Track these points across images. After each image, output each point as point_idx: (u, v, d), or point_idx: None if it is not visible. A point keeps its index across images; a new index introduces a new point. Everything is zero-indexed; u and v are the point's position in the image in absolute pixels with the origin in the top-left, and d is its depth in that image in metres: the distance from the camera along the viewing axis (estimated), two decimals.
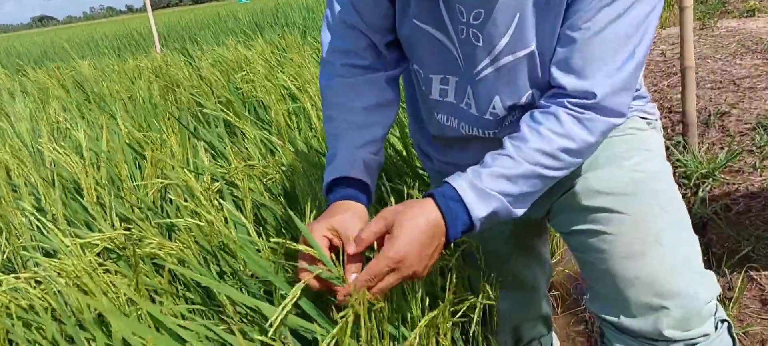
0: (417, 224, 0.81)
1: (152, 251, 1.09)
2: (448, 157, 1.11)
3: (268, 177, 1.45)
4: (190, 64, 3.12)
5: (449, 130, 1.02)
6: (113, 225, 1.38)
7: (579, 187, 0.96)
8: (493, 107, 0.94)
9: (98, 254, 1.17)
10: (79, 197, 1.37)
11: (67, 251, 1.01)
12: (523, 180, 0.85)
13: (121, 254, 1.14)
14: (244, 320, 1.01)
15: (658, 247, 0.89)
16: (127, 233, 1.06)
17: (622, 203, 0.92)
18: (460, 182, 0.84)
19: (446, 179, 0.86)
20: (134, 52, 6.88)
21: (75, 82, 2.50)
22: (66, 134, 2.01)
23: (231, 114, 1.43)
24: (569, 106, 0.85)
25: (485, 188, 0.84)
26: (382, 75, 1.00)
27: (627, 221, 0.91)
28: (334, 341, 0.82)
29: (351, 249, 0.83)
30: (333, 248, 0.86)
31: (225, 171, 1.31)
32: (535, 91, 0.92)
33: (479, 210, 0.84)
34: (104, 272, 1.00)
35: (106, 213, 1.37)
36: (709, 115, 2.71)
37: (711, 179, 2.15)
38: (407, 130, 1.55)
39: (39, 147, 1.62)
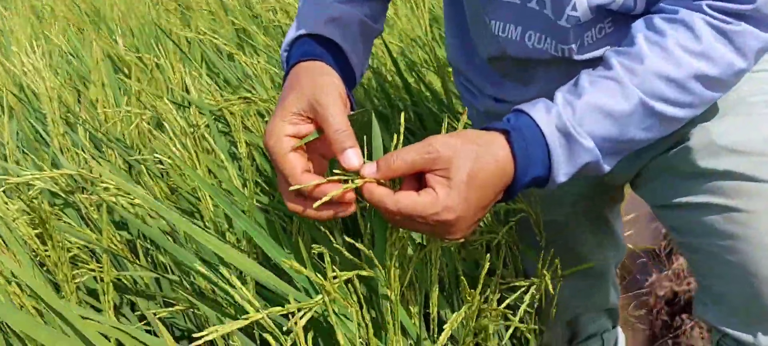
0: (483, 173, 0.54)
1: (108, 198, 0.83)
2: (504, 91, 0.80)
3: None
4: None
5: (510, 45, 0.71)
6: (85, 162, 1.13)
7: (695, 141, 0.66)
8: (574, 7, 0.64)
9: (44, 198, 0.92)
10: (38, 127, 1.11)
11: None
12: (632, 119, 0.57)
13: (69, 200, 0.89)
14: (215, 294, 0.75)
15: None
16: (72, 172, 0.80)
17: (765, 167, 0.62)
18: (548, 120, 0.56)
19: (524, 109, 0.57)
20: None
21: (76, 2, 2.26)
22: (60, 57, 1.77)
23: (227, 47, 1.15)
24: (709, 11, 0.56)
25: (578, 133, 0.56)
26: None
27: None
28: None
29: (369, 170, 0.56)
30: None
31: (214, 104, 1.04)
32: None
33: (564, 168, 0.56)
34: (32, 226, 0.74)
35: (72, 145, 1.12)
36: None
37: None
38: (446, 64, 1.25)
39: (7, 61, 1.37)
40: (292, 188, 0.57)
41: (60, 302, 0.56)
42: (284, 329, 0.58)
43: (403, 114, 0.63)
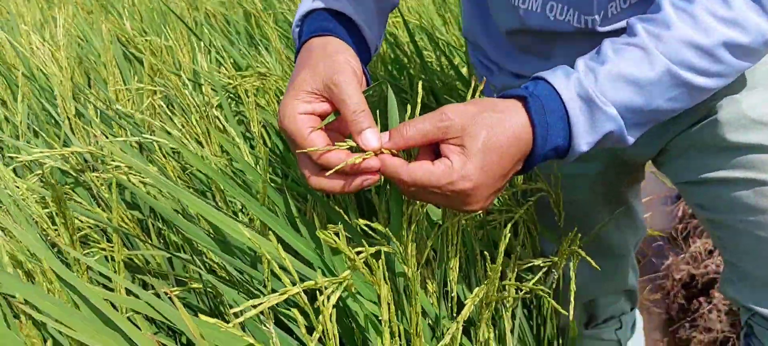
0: (499, 140, 0.52)
1: (117, 176, 0.82)
2: (523, 67, 0.78)
3: None
4: None
5: (530, 17, 0.69)
6: (96, 141, 1.12)
7: (725, 114, 0.64)
8: None
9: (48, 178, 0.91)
10: (49, 106, 1.10)
11: None
12: (658, 88, 0.54)
13: (80, 179, 0.87)
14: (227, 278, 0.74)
15: None
16: (82, 149, 0.79)
17: None
18: (567, 86, 0.53)
19: (543, 76, 0.55)
20: None
21: None
22: (69, 38, 1.75)
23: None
24: None
25: (600, 100, 0.53)
26: None
27: None
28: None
29: (377, 142, 0.54)
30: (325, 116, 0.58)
31: (228, 81, 1.02)
32: None
33: (585, 136, 0.53)
34: (39, 201, 0.73)
35: (86, 125, 1.10)
36: None
37: None
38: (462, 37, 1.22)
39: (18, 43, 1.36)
40: (299, 151, 0.55)
41: (72, 275, 0.55)
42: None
43: (420, 84, 0.61)
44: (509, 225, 0.73)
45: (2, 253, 0.64)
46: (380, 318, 0.57)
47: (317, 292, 0.53)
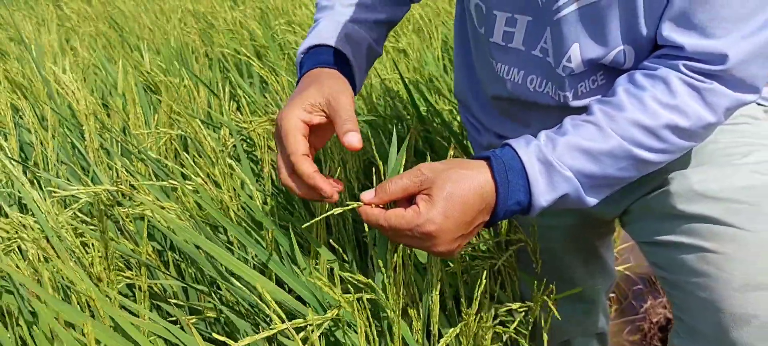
0: (462, 191, 0.63)
1: (142, 212, 0.91)
2: (504, 129, 0.89)
3: None
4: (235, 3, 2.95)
5: (513, 87, 0.81)
6: (117, 176, 1.22)
7: (675, 186, 0.74)
8: (569, 59, 0.73)
9: (82, 211, 1.01)
10: (77, 143, 1.20)
11: (38, 206, 0.84)
12: (609, 159, 0.65)
13: (110, 213, 0.97)
14: (238, 307, 0.83)
15: None
16: (114, 189, 0.89)
17: (737, 214, 0.70)
18: (527, 151, 0.65)
19: (509, 142, 0.67)
20: None
21: (108, 17, 2.35)
22: (85, 72, 1.86)
23: (260, 66, 1.24)
24: (685, 71, 0.65)
25: (558, 164, 0.64)
26: None
27: (744, 239, 0.69)
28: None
29: (368, 197, 0.66)
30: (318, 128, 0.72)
31: (244, 125, 1.13)
32: (626, 49, 0.71)
33: (545, 195, 0.65)
34: (77, 236, 0.83)
35: (111, 162, 1.20)
36: None
37: None
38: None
39: (46, 76, 1.46)
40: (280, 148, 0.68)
41: (106, 300, 0.65)
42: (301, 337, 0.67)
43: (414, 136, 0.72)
44: (486, 272, 0.83)
45: (44, 279, 0.73)
46: None
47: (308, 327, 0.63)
